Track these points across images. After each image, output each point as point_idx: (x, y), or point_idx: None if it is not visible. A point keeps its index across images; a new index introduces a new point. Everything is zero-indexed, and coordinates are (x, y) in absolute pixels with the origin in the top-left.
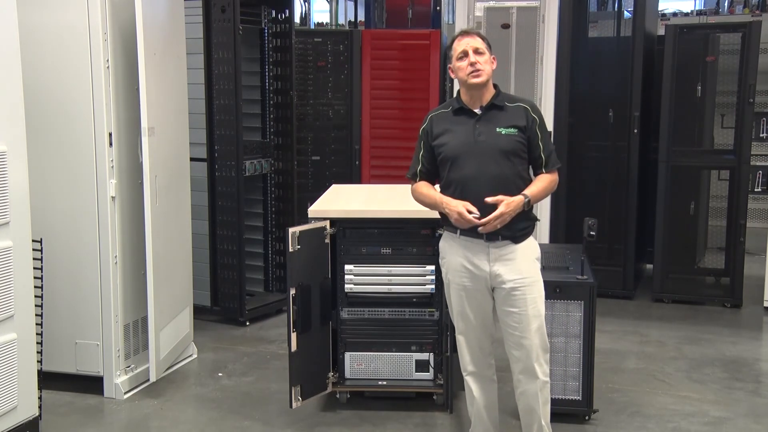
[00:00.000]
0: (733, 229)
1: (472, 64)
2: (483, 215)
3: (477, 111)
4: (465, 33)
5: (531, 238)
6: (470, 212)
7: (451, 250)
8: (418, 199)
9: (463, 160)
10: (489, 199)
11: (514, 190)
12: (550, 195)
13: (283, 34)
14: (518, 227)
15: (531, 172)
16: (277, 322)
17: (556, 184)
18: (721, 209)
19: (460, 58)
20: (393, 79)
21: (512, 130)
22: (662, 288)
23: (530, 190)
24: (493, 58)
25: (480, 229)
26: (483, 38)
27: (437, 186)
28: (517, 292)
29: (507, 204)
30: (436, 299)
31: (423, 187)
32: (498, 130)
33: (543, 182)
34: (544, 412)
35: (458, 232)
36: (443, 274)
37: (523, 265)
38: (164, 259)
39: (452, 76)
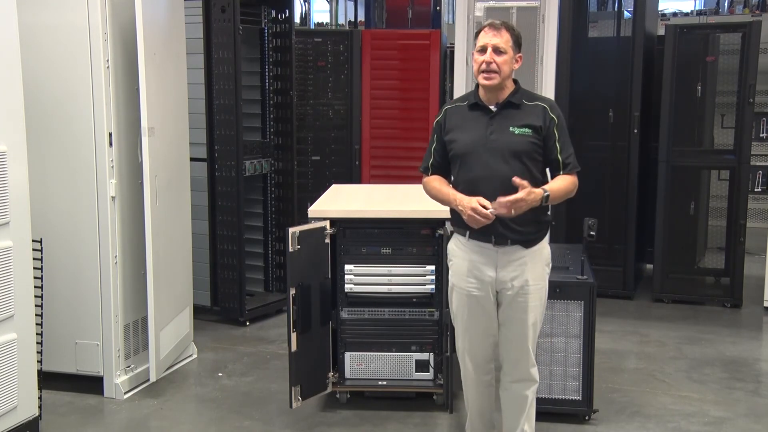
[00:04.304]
0: (733, 229)
1: (487, 63)
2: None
3: (492, 108)
4: (491, 26)
5: (543, 243)
6: (485, 207)
7: (459, 254)
8: (430, 193)
9: (473, 158)
10: (516, 180)
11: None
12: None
13: (283, 34)
14: (527, 231)
15: (549, 175)
16: (277, 322)
17: (576, 187)
18: (721, 209)
19: (479, 51)
20: (393, 79)
21: (526, 130)
22: (662, 288)
23: (550, 186)
24: (519, 57)
25: (491, 210)
26: (511, 34)
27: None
28: (521, 299)
29: (528, 192)
30: (436, 299)
31: (435, 181)
32: (511, 129)
33: (564, 182)
34: (530, 414)
35: (467, 235)
36: (449, 276)
37: (529, 273)
38: (164, 259)
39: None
